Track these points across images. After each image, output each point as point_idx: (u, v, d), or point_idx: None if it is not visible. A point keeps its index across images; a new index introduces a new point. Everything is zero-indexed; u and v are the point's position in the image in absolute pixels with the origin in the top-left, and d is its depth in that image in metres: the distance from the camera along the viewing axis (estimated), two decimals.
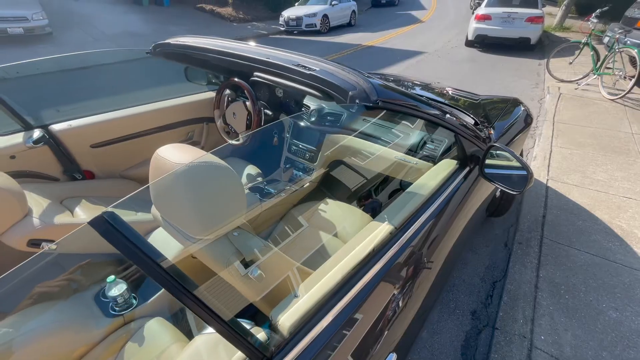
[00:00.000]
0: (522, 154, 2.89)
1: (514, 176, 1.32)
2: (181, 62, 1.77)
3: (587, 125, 3.96)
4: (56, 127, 1.69)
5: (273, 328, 0.70)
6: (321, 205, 1.57)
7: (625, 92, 4.52)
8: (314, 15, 10.81)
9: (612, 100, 4.62)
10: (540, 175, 2.96)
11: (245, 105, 1.75)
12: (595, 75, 4.99)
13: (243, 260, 0.87)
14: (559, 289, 1.88)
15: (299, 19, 10.79)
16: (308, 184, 1.80)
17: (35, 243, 1.27)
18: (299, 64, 1.11)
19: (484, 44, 8.08)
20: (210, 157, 0.82)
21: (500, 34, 7.58)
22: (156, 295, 1.17)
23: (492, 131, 1.75)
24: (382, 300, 0.91)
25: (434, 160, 1.55)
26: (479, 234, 2.35)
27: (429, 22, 12.88)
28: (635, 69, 4.47)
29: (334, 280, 0.81)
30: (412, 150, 1.66)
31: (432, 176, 1.29)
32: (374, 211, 1.59)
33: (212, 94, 2.18)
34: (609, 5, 5.98)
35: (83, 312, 1.09)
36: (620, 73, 4.89)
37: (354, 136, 1.78)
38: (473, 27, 7.85)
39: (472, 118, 1.64)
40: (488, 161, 1.35)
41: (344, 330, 0.77)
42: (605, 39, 5.91)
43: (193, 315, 1.14)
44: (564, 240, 2.23)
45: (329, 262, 0.89)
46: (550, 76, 5.56)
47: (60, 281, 1.04)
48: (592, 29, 5.19)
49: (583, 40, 5.27)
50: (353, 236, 1.00)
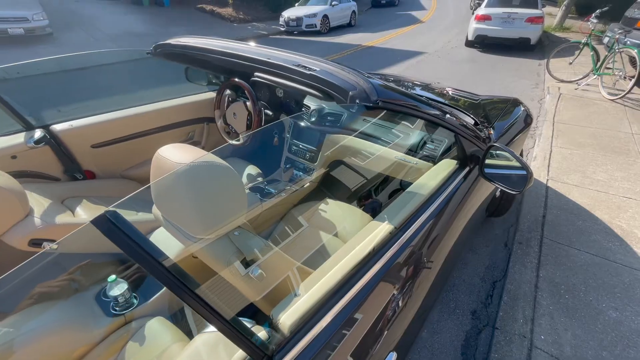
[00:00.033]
0: (522, 154, 2.89)
1: (513, 176, 1.32)
2: (182, 63, 1.78)
3: (587, 125, 3.96)
4: (57, 127, 1.70)
5: (274, 327, 0.71)
6: (321, 205, 1.57)
7: (625, 92, 4.52)
8: (314, 15, 10.82)
9: (612, 100, 4.63)
10: (540, 176, 2.96)
11: (246, 106, 1.75)
12: (595, 76, 4.99)
13: (244, 260, 0.87)
14: (559, 289, 1.88)
15: (299, 20, 10.79)
16: (308, 184, 1.80)
17: (36, 243, 1.28)
18: (300, 64, 1.11)
19: (484, 44, 8.08)
20: (211, 157, 0.82)
21: (500, 34, 7.59)
22: (157, 294, 1.17)
23: (492, 131, 1.75)
24: (382, 300, 0.91)
25: (434, 160, 1.55)
26: (479, 234, 2.36)
27: (429, 23, 12.88)
28: (635, 69, 4.48)
29: (334, 279, 0.81)
30: (412, 150, 1.66)
31: (432, 176, 1.30)
32: (374, 211, 1.59)
33: (213, 94, 2.18)
34: (608, 5, 5.98)
35: (84, 312, 1.09)
36: (620, 73, 4.89)
37: (354, 136, 1.79)
38: (473, 28, 7.85)
39: (472, 118, 1.64)
40: (488, 161, 1.35)
41: (344, 329, 0.77)
42: (605, 39, 5.92)
43: (192, 315, 1.15)
44: (564, 240, 2.23)
45: (329, 262, 0.89)
46: (550, 76, 5.56)
47: (61, 281, 1.04)
48: (592, 29, 5.19)
49: (583, 41, 5.27)
50: (353, 236, 1.00)
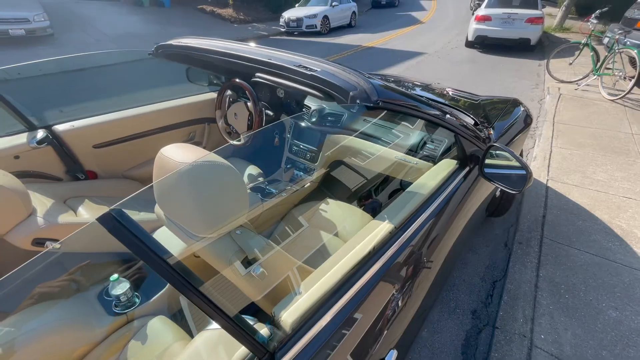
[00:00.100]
0: (522, 154, 2.89)
1: (513, 176, 1.33)
2: (183, 63, 1.79)
3: (587, 125, 3.97)
4: (59, 128, 1.71)
5: (275, 324, 0.71)
6: (322, 205, 1.58)
7: (625, 93, 4.53)
8: (315, 16, 10.84)
9: (612, 100, 4.63)
10: (540, 176, 2.97)
11: (247, 106, 1.76)
12: (595, 76, 4.99)
13: (245, 259, 0.88)
14: (559, 289, 1.88)
15: (299, 20, 10.81)
16: (309, 184, 1.81)
17: (39, 242, 1.29)
18: (300, 65, 1.12)
19: (484, 44, 8.09)
20: (213, 157, 0.83)
21: (500, 35, 7.59)
22: (159, 293, 1.18)
23: (492, 131, 1.76)
24: (383, 299, 0.91)
25: (434, 160, 1.56)
26: (479, 234, 2.36)
27: (429, 23, 12.90)
28: (635, 69, 4.48)
29: (334, 278, 0.82)
30: (413, 150, 1.66)
31: (432, 176, 1.30)
32: (374, 211, 1.60)
33: (214, 95, 2.19)
34: (608, 6, 5.98)
35: (86, 311, 1.09)
36: (620, 74, 4.89)
37: (355, 136, 1.79)
38: (473, 28, 7.86)
39: (472, 118, 1.64)
40: (488, 161, 1.36)
41: (344, 328, 0.78)
42: (605, 40, 5.92)
43: (192, 315, 1.15)
44: (564, 240, 2.23)
45: (329, 261, 0.90)
46: (550, 77, 5.56)
47: (63, 280, 1.05)
48: (592, 29, 5.19)
49: (583, 41, 5.28)
50: (353, 235, 1.01)
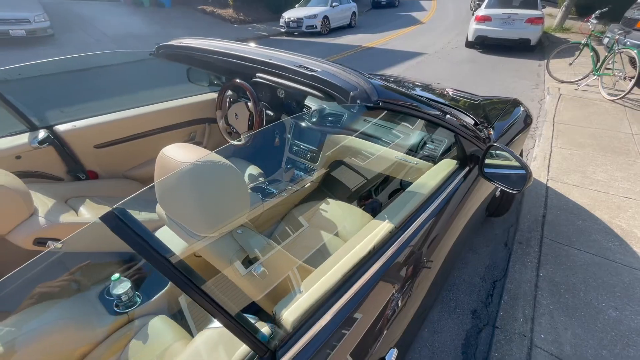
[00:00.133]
0: (522, 154, 2.90)
1: (513, 175, 1.33)
2: (184, 63, 1.79)
3: (587, 125, 3.97)
4: (61, 128, 1.71)
5: (276, 323, 0.72)
6: (322, 205, 1.58)
7: (625, 93, 4.53)
8: (315, 16, 10.85)
9: (612, 100, 4.63)
10: (540, 176, 2.97)
11: (247, 106, 1.77)
12: (595, 76, 5.00)
13: (246, 258, 0.89)
14: (558, 288, 1.89)
15: (299, 21, 10.82)
16: (309, 184, 1.82)
17: (41, 242, 1.29)
18: (301, 65, 1.12)
19: (484, 45, 8.09)
20: (214, 157, 0.83)
21: (500, 35, 7.60)
22: (160, 293, 1.18)
23: (492, 131, 1.76)
24: (383, 298, 0.92)
25: (434, 160, 1.56)
26: (479, 234, 2.36)
27: (429, 24, 12.90)
28: (635, 69, 4.48)
29: (335, 277, 0.82)
30: (413, 150, 1.67)
31: (432, 176, 1.31)
32: (374, 211, 1.60)
33: (214, 95, 2.20)
34: (608, 6, 5.98)
35: (87, 310, 1.10)
36: (620, 74, 4.90)
37: (355, 136, 1.80)
38: (473, 28, 7.87)
39: (472, 118, 1.65)
40: (487, 161, 1.36)
41: (345, 327, 0.78)
42: (605, 40, 5.92)
43: (191, 315, 1.16)
44: (564, 240, 2.24)
45: (330, 261, 0.90)
46: (550, 77, 5.57)
47: (64, 280, 1.05)
48: (592, 30, 5.19)
49: (583, 41, 5.28)
50: (354, 235, 1.01)
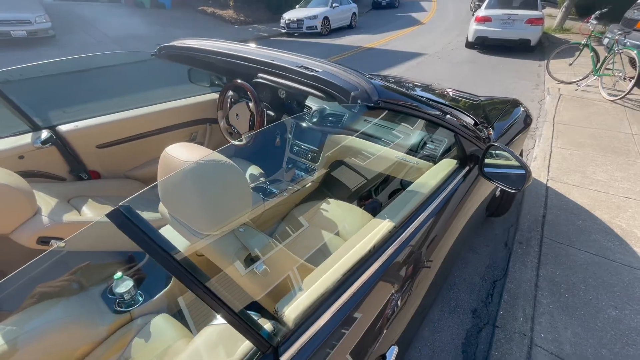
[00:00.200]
0: (522, 154, 2.90)
1: (512, 175, 1.34)
2: (185, 64, 1.80)
3: (587, 126, 3.98)
4: (63, 128, 1.72)
5: (278, 320, 0.73)
6: (323, 205, 1.59)
7: (625, 93, 4.54)
8: (315, 17, 10.87)
9: (612, 101, 4.64)
10: (540, 176, 2.98)
11: (248, 107, 1.78)
12: (595, 77, 5.01)
13: (248, 256, 0.90)
14: (558, 288, 1.89)
15: (299, 21, 10.84)
16: (310, 184, 1.82)
17: (44, 241, 1.30)
18: (302, 66, 1.13)
19: (484, 45, 8.10)
20: (217, 156, 0.84)
21: (500, 36, 7.62)
22: (162, 292, 1.19)
23: (492, 131, 1.77)
24: (383, 297, 0.92)
25: (434, 160, 1.57)
26: (480, 234, 2.37)
27: (429, 24, 12.92)
28: (635, 70, 4.49)
29: (335, 276, 0.83)
30: (413, 150, 1.68)
31: (432, 175, 1.31)
32: (375, 211, 1.61)
33: (215, 96, 2.21)
34: (608, 6, 6.00)
35: (90, 309, 1.10)
36: (620, 74, 4.91)
37: (356, 137, 1.81)
38: (473, 29, 7.89)
39: (472, 118, 1.66)
40: (487, 160, 1.37)
41: (346, 324, 0.79)
42: (605, 40, 5.93)
43: (191, 315, 1.17)
44: (564, 240, 2.24)
45: (330, 259, 0.91)
46: (550, 77, 5.58)
47: (66, 279, 1.06)
48: (592, 30, 5.21)
49: (583, 42, 5.29)
50: (354, 234, 1.02)
